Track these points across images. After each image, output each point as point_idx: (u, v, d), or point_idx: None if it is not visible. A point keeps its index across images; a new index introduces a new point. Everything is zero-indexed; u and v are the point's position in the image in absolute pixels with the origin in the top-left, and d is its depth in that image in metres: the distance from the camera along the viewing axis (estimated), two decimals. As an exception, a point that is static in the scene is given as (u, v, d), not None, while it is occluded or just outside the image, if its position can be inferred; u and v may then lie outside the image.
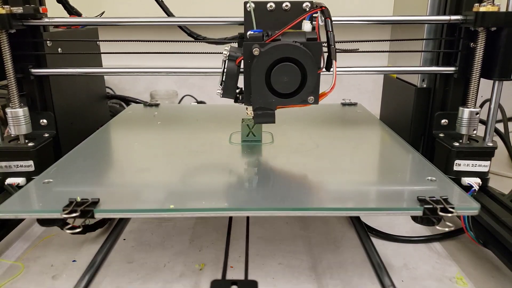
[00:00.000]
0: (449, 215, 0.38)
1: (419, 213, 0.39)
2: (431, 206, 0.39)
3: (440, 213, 0.38)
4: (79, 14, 0.78)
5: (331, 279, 0.48)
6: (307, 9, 0.48)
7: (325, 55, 0.45)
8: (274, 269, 0.50)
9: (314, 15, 0.46)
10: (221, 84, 0.47)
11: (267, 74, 0.44)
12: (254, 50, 0.43)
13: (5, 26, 0.52)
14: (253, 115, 0.47)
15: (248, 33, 0.45)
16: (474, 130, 0.55)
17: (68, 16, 0.74)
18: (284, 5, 0.48)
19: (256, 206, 0.40)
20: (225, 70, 0.46)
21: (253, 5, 0.47)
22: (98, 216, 0.39)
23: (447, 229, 0.41)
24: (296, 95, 0.46)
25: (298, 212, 0.40)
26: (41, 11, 0.57)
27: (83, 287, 0.35)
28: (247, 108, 0.48)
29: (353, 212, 0.41)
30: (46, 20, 0.57)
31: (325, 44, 0.44)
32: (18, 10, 0.53)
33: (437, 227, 0.41)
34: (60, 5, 0.76)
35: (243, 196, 0.43)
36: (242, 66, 0.45)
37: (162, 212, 0.40)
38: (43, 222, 0.44)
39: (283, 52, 0.43)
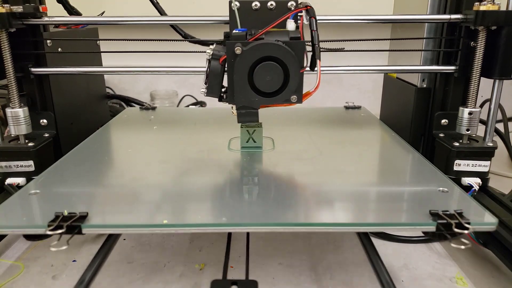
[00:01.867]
0: (466, 232, 0.35)
1: (432, 228, 0.36)
2: (445, 221, 0.36)
3: (455, 230, 0.35)
4: (79, 14, 0.78)
5: (331, 279, 0.48)
6: (292, 8, 0.48)
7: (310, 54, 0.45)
8: (275, 269, 0.50)
9: (299, 14, 0.46)
10: (205, 83, 0.47)
11: (250, 73, 0.44)
12: (236, 49, 0.43)
13: (5, 25, 0.52)
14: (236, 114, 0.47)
15: (232, 32, 0.45)
16: (468, 130, 0.55)
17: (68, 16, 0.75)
18: (269, 4, 0.48)
19: (257, 221, 0.37)
20: (209, 69, 0.46)
21: (237, 4, 0.47)
22: (86, 232, 0.36)
23: (463, 247, 0.37)
24: (279, 94, 0.46)
25: (302, 227, 0.37)
26: (41, 10, 0.57)
27: (83, 287, 0.34)
28: (232, 107, 0.48)
29: (361, 228, 0.38)
30: (46, 19, 0.57)
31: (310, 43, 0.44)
32: (18, 9, 0.53)
33: (452, 245, 0.36)
34: (61, 5, 0.76)
35: (242, 209, 0.40)
36: (226, 65, 0.45)
37: (154, 227, 0.37)
38: (28, 237, 0.43)
39: (265, 51, 0.43)
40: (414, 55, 0.64)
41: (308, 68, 0.45)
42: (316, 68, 0.44)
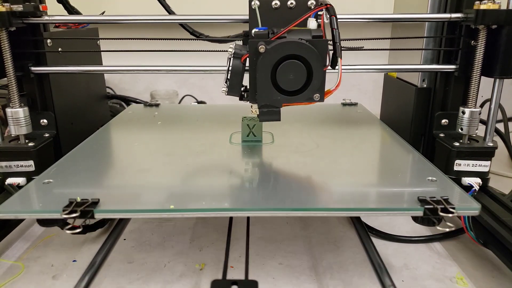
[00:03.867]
0: (450, 215, 0.38)
1: (420, 213, 0.39)
2: (431, 206, 0.39)
3: (441, 214, 0.38)
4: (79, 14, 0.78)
5: (332, 279, 0.48)
6: (312, 7, 0.48)
7: (330, 53, 0.45)
8: (275, 269, 0.50)
9: (319, 13, 0.46)
10: (226, 82, 0.47)
11: (273, 72, 0.44)
12: (260, 47, 0.43)
13: (5, 24, 0.52)
14: (258, 113, 0.47)
15: (254, 30, 0.45)
16: (474, 130, 0.55)
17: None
18: (289, 3, 0.48)
19: (257, 206, 0.40)
20: (230, 68, 0.46)
21: (258, 2, 0.48)
22: (98, 216, 0.39)
23: (447, 229, 0.41)
24: (301, 92, 0.46)
25: (299, 212, 0.40)
26: (41, 9, 0.57)
27: (83, 287, 0.34)
28: (251, 106, 0.48)
29: (353, 212, 0.41)
30: (46, 18, 0.57)
31: (331, 42, 0.44)
32: (18, 8, 0.53)
33: (438, 227, 0.40)
34: (61, 5, 0.76)
35: (243, 196, 0.43)
36: (247, 64, 0.45)
37: (162, 212, 0.40)
38: (43, 222, 0.44)
39: (289, 49, 0.43)
40: (415, 55, 0.64)
41: (329, 67, 0.45)
42: (337, 67, 0.44)
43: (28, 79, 0.59)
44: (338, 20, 0.44)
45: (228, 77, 0.46)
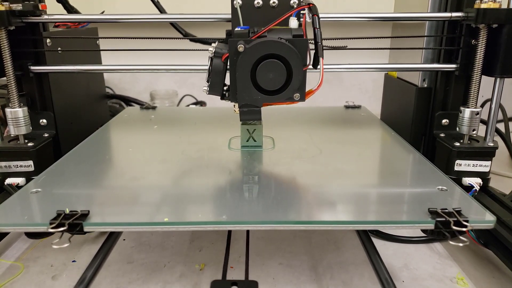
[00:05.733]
0: (464, 229, 0.36)
1: (431, 226, 0.37)
2: (443, 219, 0.36)
3: (454, 228, 0.36)
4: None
5: (332, 279, 0.48)
6: (295, 6, 0.48)
7: (313, 52, 0.45)
8: (275, 269, 0.50)
9: (301, 12, 0.46)
10: (207, 81, 0.46)
11: (253, 71, 0.44)
12: (239, 46, 0.43)
13: (4, 23, 0.52)
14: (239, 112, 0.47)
15: (235, 29, 0.45)
16: (474, 130, 0.55)
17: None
18: (271, 2, 0.48)
19: (257, 219, 0.37)
20: (211, 67, 0.46)
21: (240, 1, 0.47)
22: (88, 229, 0.36)
23: (461, 244, 0.37)
24: (282, 92, 0.45)
25: (302, 225, 0.37)
26: (40, 8, 0.57)
27: (83, 287, 0.34)
28: (234, 105, 0.47)
29: (360, 225, 0.38)
30: (46, 17, 0.57)
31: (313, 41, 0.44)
32: (18, 7, 0.53)
33: (451, 242, 0.37)
34: (60, 4, 0.76)
35: (242, 207, 0.40)
36: (228, 63, 0.45)
37: (155, 225, 0.37)
38: (30, 235, 0.43)
39: (268, 48, 0.43)
40: (415, 55, 0.64)
41: (310, 66, 0.45)
42: (319, 66, 0.44)
43: (27, 78, 0.59)
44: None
45: (209, 76, 0.46)
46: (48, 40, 0.60)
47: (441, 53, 0.61)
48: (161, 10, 0.75)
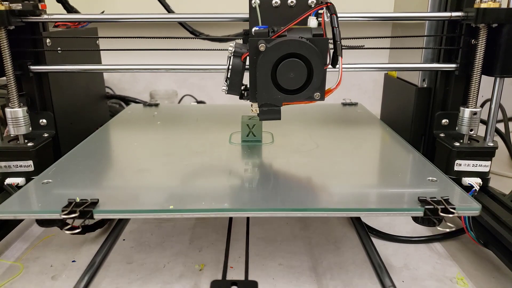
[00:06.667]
0: (450, 215, 0.38)
1: (420, 213, 0.39)
2: (432, 206, 0.39)
3: (441, 214, 0.38)
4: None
5: (332, 280, 0.48)
6: (312, 6, 0.48)
7: (331, 51, 0.45)
8: (274, 269, 0.50)
9: (319, 11, 0.46)
10: (226, 81, 0.46)
11: (273, 70, 0.44)
12: (260, 45, 0.43)
13: (4, 22, 0.51)
14: (258, 111, 0.47)
15: (254, 29, 0.45)
16: (471, 130, 0.55)
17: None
18: (289, 1, 0.48)
19: (256, 207, 0.40)
20: (230, 66, 0.46)
21: (258, 1, 0.47)
22: (97, 216, 0.39)
23: (447, 230, 0.42)
24: (302, 91, 0.46)
25: (298, 213, 0.39)
26: (40, 7, 0.57)
27: (82, 287, 0.34)
28: (251, 105, 0.47)
29: (353, 212, 0.41)
30: (45, 16, 0.57)
31: (331, 41, 0.44)
32: (17, 6, 0.53)
33: (438, 228, 0.40)
34: (60, 4, 0.76)
35: (243, 196, 0.43)
36: (247, 62, 0.45)
37: (161, 212, 0.39)
38: (42, 222, 0.44)
39: (289, 47, 0.43)
40: (415, 55, 0.64)
41: (330, 66, 0.45)
42: (337, 65, 0.44)
43: (27, 78, 0.58)
44: (339, 19, 0.44)
45: (228, 76, 0.46)
46: (48, 40, 0.60)
47: (441, 53, 0.61)
48: (168, 10, 0.75)
